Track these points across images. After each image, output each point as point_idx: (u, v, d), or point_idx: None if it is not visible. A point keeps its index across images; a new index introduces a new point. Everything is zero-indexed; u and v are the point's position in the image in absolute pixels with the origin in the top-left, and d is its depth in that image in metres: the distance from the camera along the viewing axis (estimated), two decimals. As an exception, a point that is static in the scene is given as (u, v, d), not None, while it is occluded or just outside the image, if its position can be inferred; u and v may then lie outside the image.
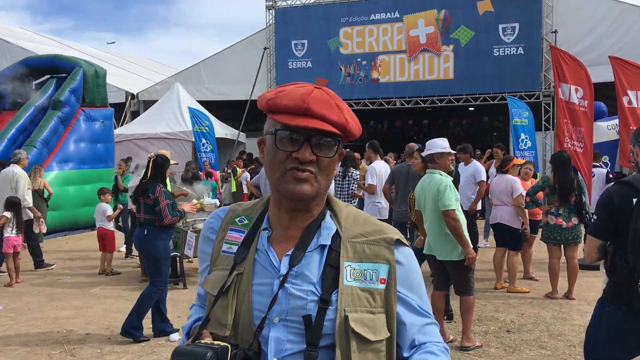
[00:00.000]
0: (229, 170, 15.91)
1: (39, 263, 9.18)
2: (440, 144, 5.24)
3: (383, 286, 1.30)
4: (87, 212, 12.55)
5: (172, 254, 6.78)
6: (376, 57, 17.76)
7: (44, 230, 9.66)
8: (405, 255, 1.36)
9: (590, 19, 15.52)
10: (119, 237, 10.12)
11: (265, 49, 18.39)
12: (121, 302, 7.01)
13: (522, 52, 16.28)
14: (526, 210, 7.31)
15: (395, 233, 1.37)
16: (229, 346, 1.17)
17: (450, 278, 5.36)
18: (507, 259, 7.54)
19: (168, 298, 5.90)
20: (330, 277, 1.27)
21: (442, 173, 5.14)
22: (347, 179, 8.25)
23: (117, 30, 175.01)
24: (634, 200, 2.83)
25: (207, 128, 15.41)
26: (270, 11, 18.80)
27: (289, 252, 1.31)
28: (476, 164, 8.65)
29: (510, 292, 7.30)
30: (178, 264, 7.96)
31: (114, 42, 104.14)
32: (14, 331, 5.91)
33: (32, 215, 9.18)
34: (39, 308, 6.81)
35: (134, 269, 8.95)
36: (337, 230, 1.34)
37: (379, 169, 8.21)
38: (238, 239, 1.38)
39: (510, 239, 7.46)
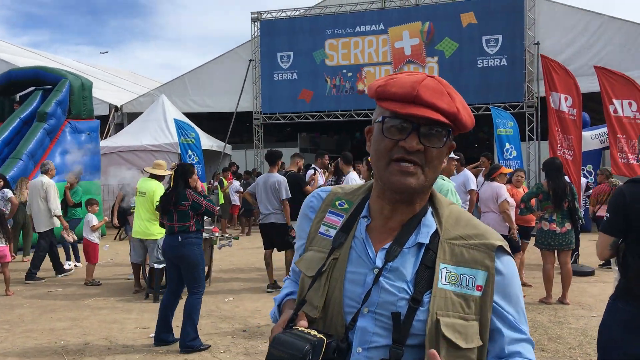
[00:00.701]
0: (216, 183, 15.85)
1: (30, 275, 9.03)
2: (443, 149, 5.30)
3: (479, 293, 1.24)
4: (74, 224, 12.41)
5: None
6: (361, 68, 17.90)
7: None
8: (506, 264, 1.29)
9: (571, 31, 15.85)
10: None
11: (250, 61, 18.45)
12: (116, 313, 6.94)
13: (506, 64, 16.53)
14: (513, 215, 7.40)
15: (497, 239, 1.29)
16: (324, 339, 1.17)
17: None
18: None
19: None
20: (425, 277, 1.24)
21: (445, 178, 5.21)
22: None
23: (96, 43, 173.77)
24: (646, 197, 2.90)
25: (193, 140, 15.35)
26: (256, 23, 18.86)
27: (386, 246, 1.29)
28: (467, 173, 8.72)
29: (506, 298, 7.36)
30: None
31: (107, 52, 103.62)
32: (10, 343, 5.80)
33: (57, 224, 9.39)
34: (33, 320, 6.70)
35: (127, 281, 8.87)
36: (436, 229, 1.30)
37: (353, 180, 8.29)
38: (336, 222, 1.38)
39: (501, 246, 7.53)
